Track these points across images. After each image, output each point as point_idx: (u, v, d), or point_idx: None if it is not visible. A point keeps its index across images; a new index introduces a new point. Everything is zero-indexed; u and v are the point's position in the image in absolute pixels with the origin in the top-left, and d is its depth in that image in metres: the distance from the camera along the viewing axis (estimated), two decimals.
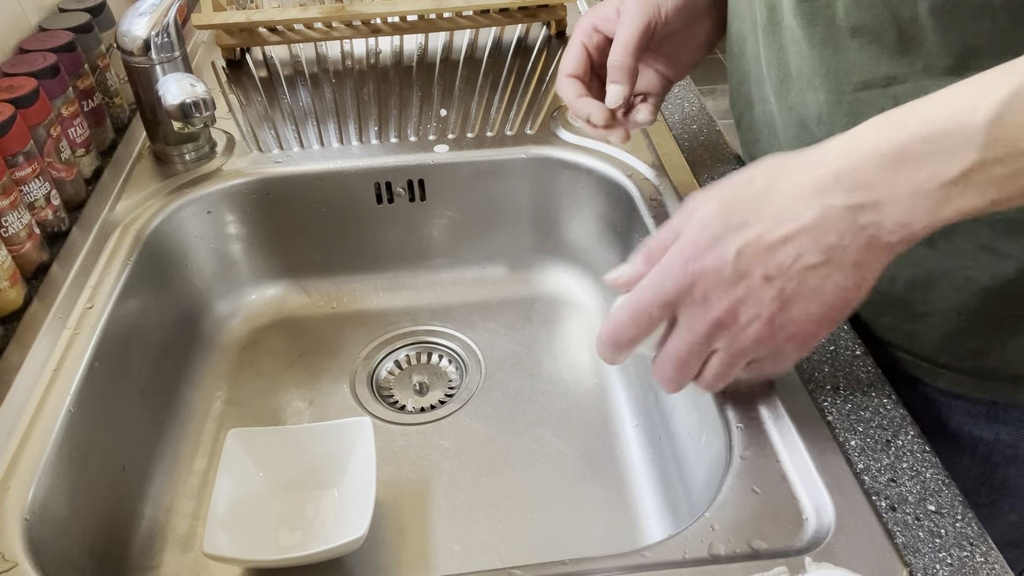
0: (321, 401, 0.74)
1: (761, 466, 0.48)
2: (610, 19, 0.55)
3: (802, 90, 0.52)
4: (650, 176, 0.74)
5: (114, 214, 0.71)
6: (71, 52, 0.72)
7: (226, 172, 0.77)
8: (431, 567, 0.60)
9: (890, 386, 0.52)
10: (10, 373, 0.56)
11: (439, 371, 0.77)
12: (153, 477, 0.65)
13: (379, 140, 0.81)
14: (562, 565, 0.44)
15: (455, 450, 0.69)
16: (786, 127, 0.56)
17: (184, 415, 0.71)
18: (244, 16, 0.90)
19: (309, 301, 0.84)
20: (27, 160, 0.63)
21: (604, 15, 0.55)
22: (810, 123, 0.53)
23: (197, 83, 0.70)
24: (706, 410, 0.55)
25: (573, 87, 0.55)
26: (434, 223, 0.83)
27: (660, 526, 0.62)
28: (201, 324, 0.78)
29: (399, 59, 0.97)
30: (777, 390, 0.52)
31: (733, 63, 0.61)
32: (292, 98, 0.89)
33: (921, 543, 0.43)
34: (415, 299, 0.84)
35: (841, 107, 0.50)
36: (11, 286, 0.60)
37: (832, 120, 0.51)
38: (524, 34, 1.01)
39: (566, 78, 0.56)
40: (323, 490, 0.63)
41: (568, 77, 0.55)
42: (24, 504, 0.48)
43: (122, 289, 0.64)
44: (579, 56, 0.56)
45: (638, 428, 0.69)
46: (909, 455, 0.48)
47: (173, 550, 0.61)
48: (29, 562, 0.45)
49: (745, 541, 0.44)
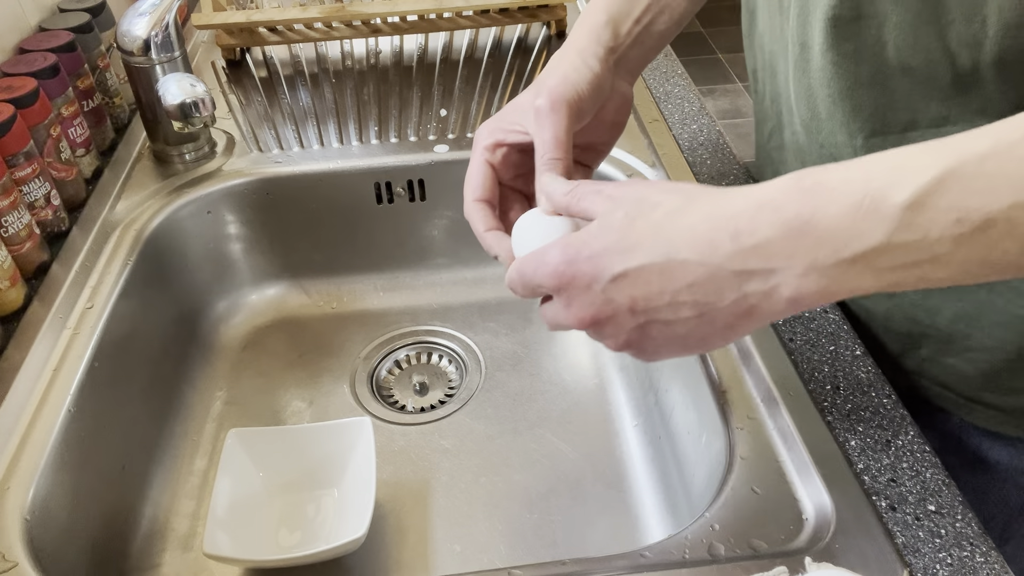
0: (321, 401, 0.74)
1: (761, 466, 0.48)
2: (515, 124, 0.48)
3: (833, 131, 0.51)
4: (650, 176, 0.74)
5: (114, 214, 0.71)
6: (71, 52, 0.72)
7: (226, 172, 0.77)
8: (431, 567, 0.60)
9: (890, 386, 0.52)
10: (10, 373, 0.56)
11: (439, 371, 0.77)
12: (153, 477, 0.65)
13: (379, 140, 0.81)
14: (562, 565, 0.44)
15: (455, 450, 0.69)
16: (818, 163, 0.56)
17: (184, 415, 0.71)
18: (244, 16, 0.90)
19: (309, 301, 0.84)
20: (27, 160, 0.63)
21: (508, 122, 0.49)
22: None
23: (197, 83, 0.70)
24: (706, 410, 0.55)
25: (482, 217, 0.48)
26: (434, 223, 0.83)
27: (660, 526, 0.62)
28: (201, 324, 0.78)
29: (399, 59, 0.97)
30: (777, 390, 0.52)
31: (764, 77, 0.60)
32: (292, 98, 0.89)
33: (921, 543, 0.43)
34: (415, 299, 0.84)
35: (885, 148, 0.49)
36: (11, 286, 0.60)
37: None
38: (524, 34, 1.01)
39: (474, 203, 0.49)
40: (323, 490, 0.63)
41: (476, 202, 0.48)
42: (24, 504, 0.48)
43: (122, 289, 0.64)
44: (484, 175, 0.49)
45: (638, 428, 0.69)
46: (909, 455, 0.48)
47: (173, 550, 0.61)
48: (29, 562, 0.45)
49: (745, 541, 0.44)
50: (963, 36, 0.41)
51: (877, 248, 0.31)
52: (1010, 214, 0.29)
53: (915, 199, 0.30)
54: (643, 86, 0.88)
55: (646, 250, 0.36)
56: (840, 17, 0.45)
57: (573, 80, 0.46)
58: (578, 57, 0.48)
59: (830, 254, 0.32)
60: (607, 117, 0.51)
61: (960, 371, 0.53)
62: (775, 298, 0.34)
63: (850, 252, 0.31)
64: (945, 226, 0.30)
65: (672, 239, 0.35)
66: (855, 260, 0.32)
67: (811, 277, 0.33)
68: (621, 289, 0.37)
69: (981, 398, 0.53)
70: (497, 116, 0.50)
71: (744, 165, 0.75)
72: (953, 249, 0.30)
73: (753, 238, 0.33)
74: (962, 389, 0.54)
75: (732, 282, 0.34)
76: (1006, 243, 0.30)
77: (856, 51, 0.46)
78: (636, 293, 0.36)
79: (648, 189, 0.38)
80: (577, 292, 0.38)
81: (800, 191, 0.33)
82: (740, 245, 0.34)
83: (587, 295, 0.38)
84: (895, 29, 0.43)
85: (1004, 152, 0.29)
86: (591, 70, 0.47)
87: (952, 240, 0.30)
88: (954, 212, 0.30)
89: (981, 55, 0.41)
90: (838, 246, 0.32)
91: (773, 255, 0.33)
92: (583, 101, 0.46)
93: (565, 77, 0.46)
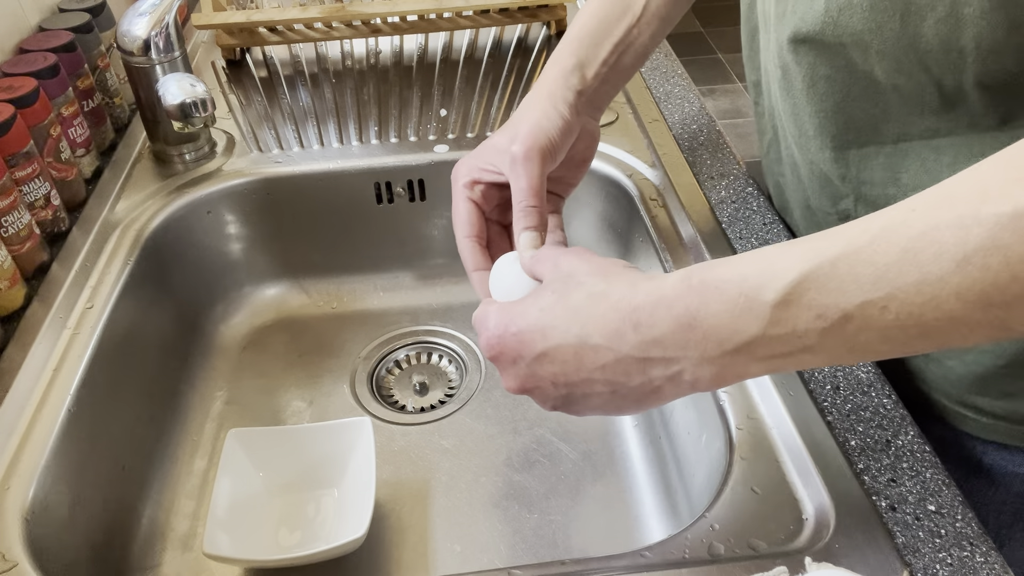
0: (321, 401, 0.74)
1: (761, 466, 0.48)
2: (490, 163, 0.52)
3: (821, 149, 0.53)
4: (650, 176, 0.74)
5: (114, 214, 0.71)
6: (71, 52, 0.72)
7: (226, 172, 0.77)
8: (431, 567, 0.60)
9: (890, 386, 0.52)
10: (10, 373, 0.56)
11: (439, 371, 0.77)
12: (153, 477, 0.65)
13: (379, 140, 0.81)
14: (562, 565, 0.44)
15: (455, 450, 0.69)
16: (810, 178, 0.57)
17: (184, 415, 0.71)
18: (244, 16, 0.90)
19: (309, 301, 0.84)
20: (27, 160, 0.63)
21: (484, 162, 0.52)
22: (833, 179, 0.54)
23: (197, 83, 0.70)
24: (706, 410, 0.55)
25: (471, 255, 0.52)
26: (434, 223, 0.83)
27: (660, 526, 0.62)
28: (201, 324, 0.78)
29: (399, 59, 0.97)
30: (777, 390, 0.52)
31: (761, 92, 0.61)
32: (292, 98, 0.89)
33: (921, 543, 0.43)
34: (415, 299, 0.84)
35: (878, 159, 0.50)
36: (11, 286, 0.60)
37: (860, 177, 0.51)
38: (524, 34, 1.01)
39: (465, 240, 0.52)
40: (323, 490, 0.63)
41: (467, 239, 0.52)
42: (24, 504, 0.48)
43: (122, 289, 0.64)
44: (470, 212, 0.52)
45: (638, 428, 0.69)
46: (909, 455, 0.48)
47: (173, 550, 0.61)
48: (29, 562, 0.45)
49: (745, 541, 0.44)
50: (943, 63, 0.41)
51: (754, 341, 0.34)
52: (863, 311, 0.32)
53: (781, 299, 0.33)
54: (643, 86, 0.88)
55: (563, 332, 0.40)
56: (805, 41, 0.47)
57: (545, 128, 0.50)
58: (549, 103, 0.52)
59: (716, 346, 0.36)
60: (576, 155, 0.55)
61: (956, 373, 0.53)
62: (678, 382, 0.38)
63: (732, 345, 0.35)
64: (809, 321, 0.33)
65: (586, 324, 0.39)
66: (738, 351, 0.35)
67: (704, 366, 0.36)
68: (543, 366, 0.41)
69: (973, 403, 0.53)
70: (474, 154, 0.53)
71: (745, 165, 0.75)
72: (820, 340, 0.33)
73: (652, 332, 0.37)
74: (954, 393, 0.53)
75: (637, 367, 0.38)
76: (865, 334, 0.32)
77: (831, 75, 0.47)
78: (555, 370, 0.41)
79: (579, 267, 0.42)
80: (506, 364, 0.43)
81: (688, 289, 0.36)
82: (642, 337, 0.37)
83: (515, 368, 0.43)
84: (877, 56, 0.43)
85: (853, 255, 0.32)
86: (561, 116, 0.51)
87: (817, 333, 0.33)
88: (814, 309, 0.33)
89: (964, 78, 0.42)
90: (722, 339, 0.35)
91: (669, 347, 0.37)
92: (555, 147, 0.50)
93: (538, 125, 0.50)
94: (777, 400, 0.51)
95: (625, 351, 0.38)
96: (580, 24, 0.56)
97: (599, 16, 0.56)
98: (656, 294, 0.38)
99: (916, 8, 0.40)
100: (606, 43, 0.55)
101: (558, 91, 0.53)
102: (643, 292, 0.38)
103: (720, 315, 0.35)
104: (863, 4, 0.42)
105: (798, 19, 0.47)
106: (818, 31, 0.45)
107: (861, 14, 0.42)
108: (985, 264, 0.29)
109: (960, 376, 0.52)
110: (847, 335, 0.33)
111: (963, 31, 0.39)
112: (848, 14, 0.43)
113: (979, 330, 0.31)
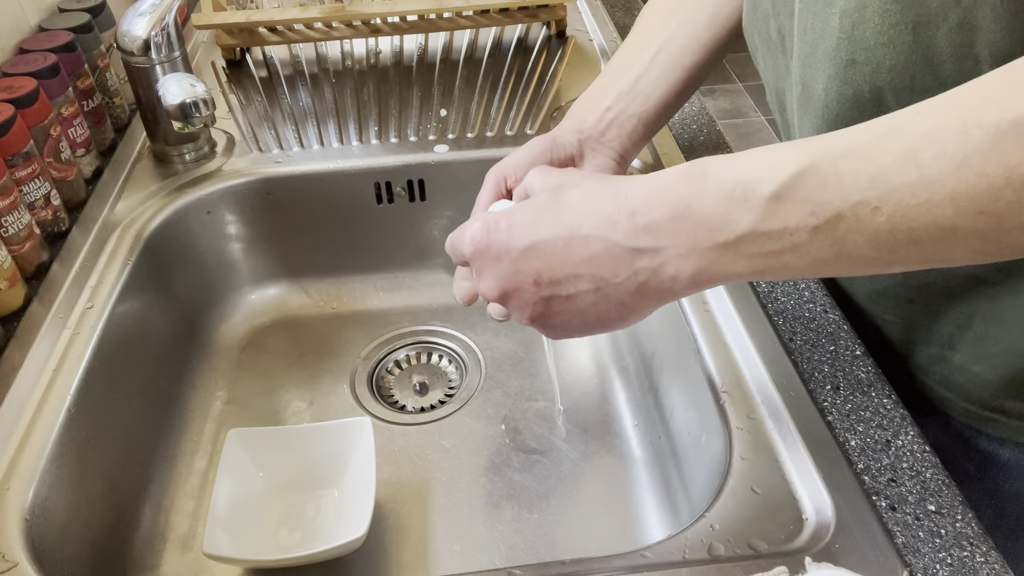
0: (321, 401, 0.74)
1: (761, 466, 0.48)
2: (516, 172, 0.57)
3: None
4: None
5: (114, 214, 0.71)
6: (71, 52, 0.72)
7: (226, 172, 0.77)
8: (431, 567, 0.60)
9: (890, 386, 0.52)
10: (10, 373, 0.56)
11: (439, 371, 0.77)
12: (153, 477, 0.65)
13: (379, 140, 0.81)
14: (562, 565, 0.44)
15: (455, 450, 0.69)
16: None
17: (184, 415, 0.71)
18: (244, 16, 0.90)
19: (309, 301, 0.84)
20: (27, 160, 0.63)
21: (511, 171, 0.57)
22: None
23: (197, 83, 0.70)
24: (706, 410, 0.55)
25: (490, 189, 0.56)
26: (434, 223, 0.83)
27: (660, 526, 0.62)
28: (201, 324, 0.79)
29: (399, 59, 0.97)
30: (777, 390, 0.52)
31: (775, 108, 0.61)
32: (292, 98, 0.89)
33: (921, 543, 0.43)
34: (415, 299, 0.84)
35: None
36: (11, 286, 0.60)
37: None
38: (524, 34, 1.01)
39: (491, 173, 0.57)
40: (323, 490, 0.63)
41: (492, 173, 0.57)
42: (24, 504, 0.48)
43: (122, 289, 0.64)
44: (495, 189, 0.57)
45: (638, 428, 0.69)
46: (909, 455, 0.48)
47: (173, 550, 0.61)
48: (29, 562, 0.45)
49: (745, 541, 0.44)
50: (957, 74, 0.41)
51: (745, 235, 0.35)
52: (856, 210, 0.32)
53: (777, 191, 0.34)
54: None
55: (554, 224, 0.40)
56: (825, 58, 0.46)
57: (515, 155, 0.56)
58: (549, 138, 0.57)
59: (706, 237, 0.36)
60: None
61: (983, 379, 0.52)
62: (661, 276, 0.38)
63: (723, 236, 0.35)
64: (801, 217, 0.33)
65: (578, 216, 0.39)
66: (727, 245, 0.35)
67: (691, 258, 0.37)
68: (527, 261, 0.40)
69: (1003, 407, 0.52)
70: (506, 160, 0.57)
71: None
72: (809, 239, 0.34)
73: (646, 218, 0.37)
74: (983, 398, 0.53)
75: (626, 258, 0.38)
76: (855, 237, 0.33)
77: (855, 94, 0.47)
78: (540, 265, 0.40)
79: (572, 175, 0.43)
80: (489, 262, 0.42)
81: (687, 179, 0.37)
82: (635, 224, 0.38)
83: (497, 266, 0.42)
84: (889, 72, 0.43)
85: (854, 153, 0.32)
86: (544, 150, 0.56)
87: (808, 231, 0.33)
88: (808, 205, 0.33)
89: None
90: (713, 229, 0.36)
91: (661, 234, 0.37)
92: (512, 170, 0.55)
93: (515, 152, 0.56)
94: (777, 400, 0.51)
95: (616, 239, 0.38)
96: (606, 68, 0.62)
97: (616, 59, 0.62)
98: (653, 183, 0.38)
99: (928, 19, 0.40)
100: (608, 93, 0.60)
101: (559, 129, 0.59)
102: (640, 182, 0.39)
103: (715, 205, 0.35)
104: (875, 19, 0.41)
105: (816, 35, 0.46)
106: (833, 47, 0.45)
107: (874, 28, 0.42)
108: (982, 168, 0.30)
109: (989, 381, 0.52)
110: (836, 236, 0.33)
111: (977, 38, 0.39)
112: (861, 29, 0.42)
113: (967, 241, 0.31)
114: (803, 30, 0.48)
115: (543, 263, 0.40)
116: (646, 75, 0.60)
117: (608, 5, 1.08)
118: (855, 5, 0.42)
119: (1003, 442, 0.54)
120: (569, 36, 1.00)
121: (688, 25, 0.60)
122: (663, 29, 0.61)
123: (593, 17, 1.04)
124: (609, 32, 1.00)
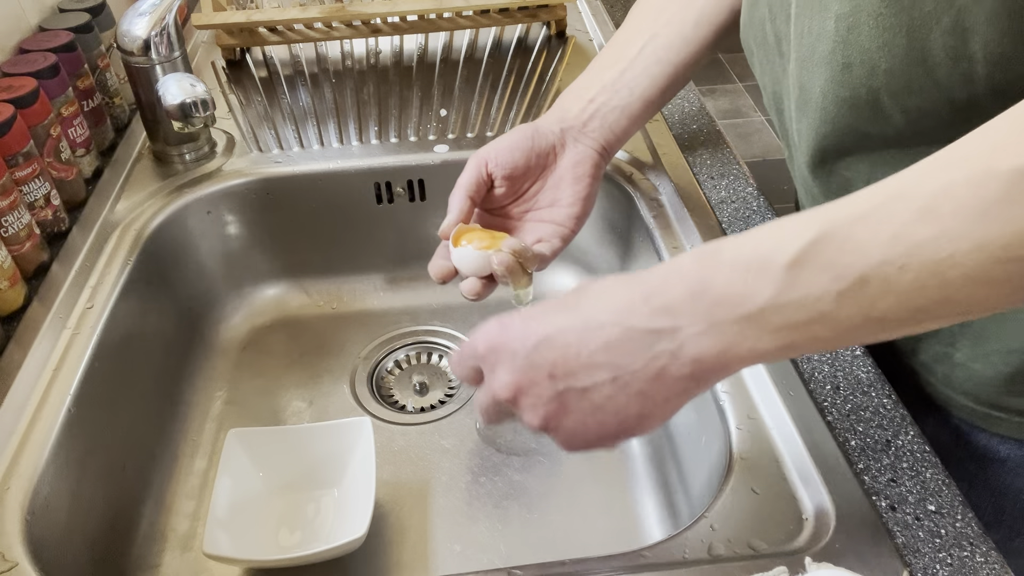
0: (321, 401, 0.74)
1: (761, 466, 0.48)
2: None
3: (850, 164, 0.52)
4: (650, 176, 0.74)
5: (114, 214, 0.71)
6: (71, 52, 0.72)
7: (226, 172, 0.77)
8: (431, 567, 0.60)
9: (890, 386, 0.52)
10: (10, 373, 0.56)
11: (439, 371, 0.77)
12: (153, 477, 0.65)
13: (379, 140, 0.81)
14: (562, 565, 0.44)
15: (455, 450, 0.69)
16: (827, 194, 0.56)
17: (184, 415, 0.71)
18: (244, 16, 0.90)
19: (309, 301, 0.84)
20: (27, 160, 0.63)
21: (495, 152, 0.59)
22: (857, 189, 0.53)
23: (197, 83, 0.70)
24: (706, 411, 0.55)
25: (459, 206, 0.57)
26: (434, 223, 0.83)
27: (660, 526, 0.62)
28: (201, 324, 0.78)
29: (399, 59, 0.97)
30: (777, 390, 0.52)
31: (772, 111, 0.61)
32: (292, 98, 0.89)
33: (921, 543, 0.43)
34: (415, 299, 0.84)
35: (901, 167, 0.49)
36: (11, 286, 0.60)
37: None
38: (524, 34, 1.01)
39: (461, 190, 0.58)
40: (323, 490, 0.63)
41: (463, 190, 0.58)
42: (24, 504, 0.48)
43: (122, 289, 0.64)
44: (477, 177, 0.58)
45: None
46: (909, 455, 0.48)
47: (173, 550, 0.61)
48: (29, 562, 0.45)
49: (745, 541, 0.44)
50: (953, 75, 0.41)
51: (767, 306, 0.34)
52: (882, 271, 0.31)
53: (795, 258, 0.33)
54: None
55: (569, 316, 0.39)
56: (820, 63, 0.46)
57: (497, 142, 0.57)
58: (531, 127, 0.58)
59: (727, 312, 0.35)
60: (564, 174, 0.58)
61: (984, 376, 0.52)
62: (681, 358, 0.36)
63: (744, 310, 0.34)
64: (825, 284, 0.32)
65: (594, 306, 0.39)
66: (749, 318, 0.34)
67: (711, 336, 0.35)
68: (542, 353, 0.39)
69: (1004, 403, 0.52)
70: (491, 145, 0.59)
71: (745, 165, 0.75)
72: (836, 307, 0.32)
73: (662, 299, 0.36)
74: (984, 395, 0.53)
75: (644, 342, 0.37)
76: (884, 301, 0.32)
77: (852, 97, 0.47)
78: (555, 356, 0.39)
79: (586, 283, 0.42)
80: (503, 357, 0.41)
81: (701, 258, 0.36)
82: (651, 306, 0.37)
83: (512, 361, 0.40)
84: (885, 75, 0.43)
85: (870, 215, 0.32)
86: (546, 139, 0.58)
87: (834, 298, 0.32)
88: (831, 270, 0.32)
89: (975, 89, 0.41)
90: (733, 304, 0.34)
91: (678, 313, 0.36)
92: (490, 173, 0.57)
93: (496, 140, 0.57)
94: (777, 400, 0.51)
95: (632, 322, 0.37)
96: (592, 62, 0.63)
97: (603, 53, 0.63)
98: (668, 266, 0.38)
99: (922, 22, 0.40)
100: (594, 84, 0.60)
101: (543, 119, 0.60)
102: (654, 268, 0.38)
103: (732, 278, 0.34)
104: (869, 23, 0.41)
105: (813, 39, 0.46)
106: (829, 50, 0.45)
107: (868, 31, 0.42)
108: (1007, 215, 0.29)
109: (990, 378, 0.52)
110: (865, 300, 0.32)
111: (971, 39, 0.39)
112: (856, 32, 0.42)
113: (1001, 288, 0.31)
114: (800, 34, 0.48)
115: (558, 354, 0.39)
116: (631, 69, 0.60)
117: (608, 5, 1.08)
118: (850, 9, 0.42)
119: (1003, 439, 0.54)
120: (569, 36, 1.00)
121: (675, 23, 0.61)
122: (650, 26, 0.61)
123: (593, 17, 1.04)
124: (609, 32, 1.00)
